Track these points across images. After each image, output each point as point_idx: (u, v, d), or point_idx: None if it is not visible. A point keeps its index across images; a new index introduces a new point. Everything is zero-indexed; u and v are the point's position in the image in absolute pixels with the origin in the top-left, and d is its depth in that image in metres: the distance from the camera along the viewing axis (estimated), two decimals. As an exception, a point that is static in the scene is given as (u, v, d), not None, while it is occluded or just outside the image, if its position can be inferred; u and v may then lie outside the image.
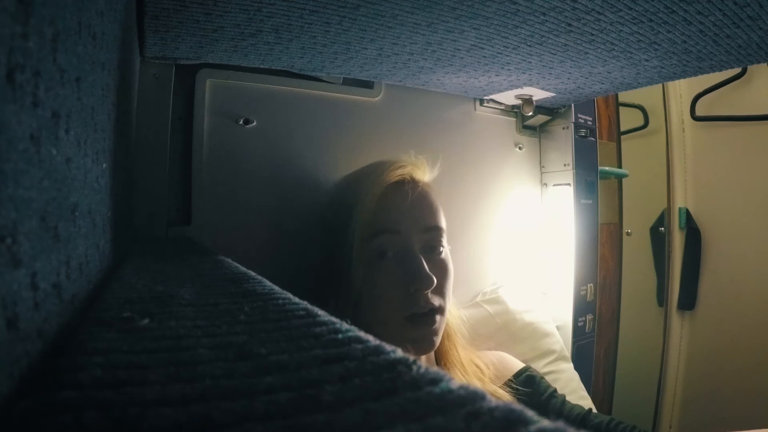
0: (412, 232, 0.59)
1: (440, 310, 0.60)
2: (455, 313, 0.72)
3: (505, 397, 0.66)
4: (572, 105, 0.99)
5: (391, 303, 0.57)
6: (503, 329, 0.86)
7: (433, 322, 0.59)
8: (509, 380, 0.70)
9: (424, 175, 0.65)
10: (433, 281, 0.56)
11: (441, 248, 0.62)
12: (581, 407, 0.68)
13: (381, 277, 0.58)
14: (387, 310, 0.57)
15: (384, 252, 0.58)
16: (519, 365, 0.74)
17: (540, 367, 0.84)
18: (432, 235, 0.61)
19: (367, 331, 0.55)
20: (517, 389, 0.68)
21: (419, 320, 0.58)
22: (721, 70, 0.69)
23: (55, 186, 0.16)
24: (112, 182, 0.34)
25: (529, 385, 0.69)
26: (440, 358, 0.68)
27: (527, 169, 1.04)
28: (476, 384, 0.64)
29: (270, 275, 0.29)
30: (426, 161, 0.66)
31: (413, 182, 0.62)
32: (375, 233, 0.58)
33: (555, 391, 0.70)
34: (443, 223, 0.63)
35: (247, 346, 0.15)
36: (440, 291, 0.60)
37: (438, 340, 0.60)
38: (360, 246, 0.58)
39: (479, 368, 0.69)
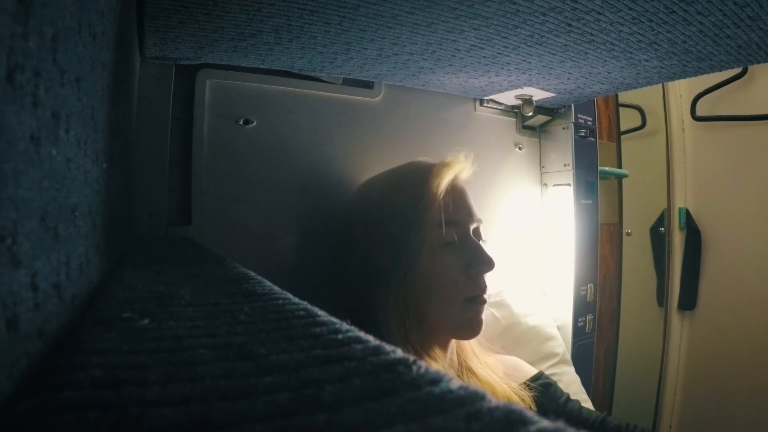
0: (469, 223, 0.65)
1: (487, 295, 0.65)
2: None
3: (522, 392, 0.67)
4: (572, 105, 0.99)
5: (455, 286, 0.61)
6: (508, 332, 0.87)
7: (484, 303, 0.64)
8: (526, 382, 0.71)
9: (468, 173, 0.70)
10: (494, 263, 0.63)
11: (484, 239, 0.68)
12: (597, 412, 0.70)
13: (447, 262, 0.62)
14: (451, 293, 0.61)
15: (449, 241, 0.62)
16: (532, 371, 0.75)
17: (543, 369, 0.84)
18: (479, 225, 0.67)
19: (423, 316, 0.54)
20: (535, 392, 0.69)
21: (477, 301, 0.62)
22: (721, 70, 0.69)
23: (55, 186, 0.16)
24: (112, 182, 0.34)
25: (545, 391, 0.71)
26: (461, 352, 0.69)
27: (527, 170, 1.04)
28: (491, 375, 0.66)
29: (270, 275, 0.29)
30: (469, 161, 0.70)
31: (464, 181, 0.68)
32: (440, 225, 0.62)
33: (569, 396, 0.72)
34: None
35: (247, 346, 0.15)
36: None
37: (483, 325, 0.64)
38: (427, 237, 0.62)
39: (489, 365, 0.70)
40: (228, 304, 0.20)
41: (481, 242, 0.66)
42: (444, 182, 0.64)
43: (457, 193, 0.65)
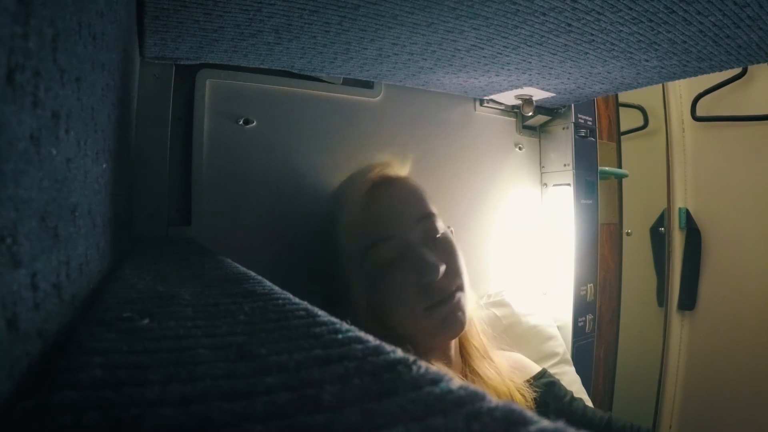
0: (406, 230, 0.59)
1: (460, 288, 0.61)
2: (473, 298, 0.71)
3: (526, 391, 0.66)
4: (572, 105, 0.99)
5: (411, 301, 0.58)
6: (508, 332, 0.87)
7: (453, 299, 0.59)
8: (529, 380, 0.70)
9: (398, 170, 0.65)
10: (438, 268, 0.57)
11: (439, 233, 0.62)
12: (602, 412, 0.69)
13: (395, 281, 0.58)
14: (409, 307, 0.58)
15: (389, 258, 0.59)
16: (536, 368, 0.74)
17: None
18: (425, 223, 0.61)
19: (398, 331, 0.52)
20: (538, 390, 0.68)
21: (437, 309, 0.58)
22: (721, 70, 0.69)
23: (55, 186, 0.16)
24: (112, 182, 0.34)
25: (549, 389, 0.70)
26: (466, 346, 0.68)
27: (527, 170, 1.04)
28: (501, 373, 0.65)
29: (270, 275, 0.29)
30: (395, 158, 0.66)
31: (388, 182, 0.62)
32: (370, 247, 0.59)
33: (573, 394, 0.71)
34: (432, 207, 0.63)
35: (247, 346, 0.15)
36: (453, 271, 0.60)
37: (465, 316, 0.60)
38: (358, 265, 0.59)
39: (495, 362, 0.69)
40: (228, 304, 0.20)
41: (439, 235, 0.61)
42: (360, 201, 0.59)
43: (383, 203, 0.60)
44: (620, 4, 0.49)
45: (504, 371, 0.67)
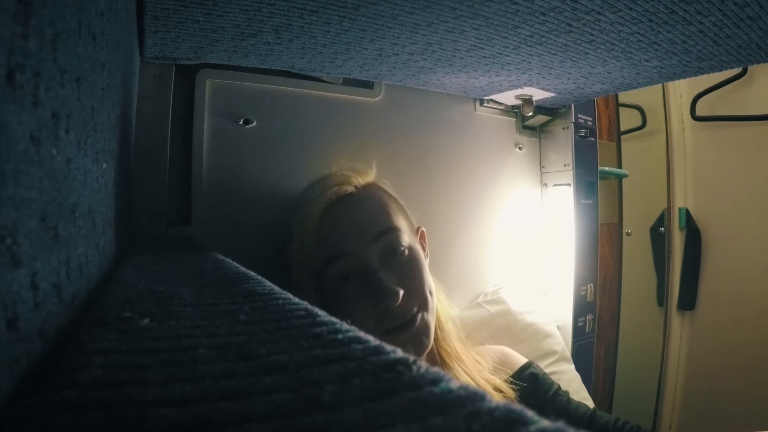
0: (363, 247, 0.56)
1: (423, 307, 0.58)
2: (445, 304, 0.70)
3: (505, 388, 0.65)
4: (572, 105, 0.99)
5: (369, 321, 0.55)
6: (505, 330, 0.86)
7: (415, 323, 0.57)
8: (511, 376, 0.68)
9: (362, 178, 0.63)
10: (397, 295, 0.54)
11: (402, 248, 0.59)
12: (586, 406, 0.67)
13: (348, 302, 0.56)
14: (367, 327, 0.56)
15: (345, 276, 0.56)
16: (521, 360, 0.73)
17: (541, 367, 0.83)
18: (386, 238, 0.58)
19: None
20: (520, 386, 0.67)
21: (402, 329, 0.56)
22: (721, 70, 0.69)
23: (55, 186, 0.16)
24: (112, 182, 0.34)
25: (532, 382, 0.68)
26: (438, 351, 0.67)
27: (527, 170, 1.04)
28: (474, 375, 0.63)
29: (270, 276, 0.29)
30: (361, 163, 0.64)
31: (348, 194, 0.59)
32: (326, 263, 0.56)
33: (559, 388, 0.69)
34: (397, 220, 0.60)
35: (247, 346, 0.15)
36: (415, 291, 0.58)
37: (429, 338, 0.59)
38: (310, 281, 0.57)
39: (478, 362, 0.68)
40: (228, 304, 0.20)
41: (401, 252, 0.58)
42: (317, 215, 0.57)
43: (340, 217, 0.57)
44: (620, 4, 0.49)
45: (482, 371, 0.66)
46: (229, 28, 0.55)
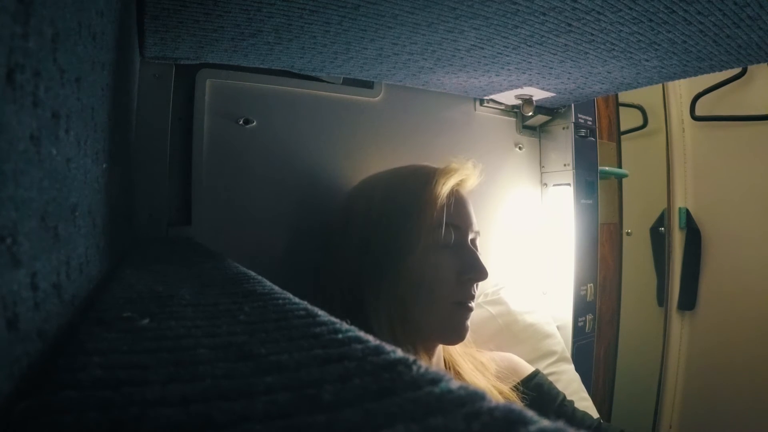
0: (469, 230, 0.65)
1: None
2: None
3: (510, 395, 0.66)
4: (572, 105, 0.99)
5: (445, 288, 0.61)
6: (505, 330, 0.86)
7: (471, 311, 0.63)
8: (518, 384, 0.69)
9: (475, 181, 0.69)
10: (487, 274, 0.62)
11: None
12: (591, 417, 0.69)
13: (441, 263, 0.61)
14: (439, 293, 0.61)
15: (446, 243, 0.62)
16: (528, 369, 0.74)
17: (541, 368, 0.83)
18: (476, 236, 0.67)
19: (410, 314, 0.54)
20: (526, 395, 0.68)
21: (464, 307, 0.62)
22: (721, 70, 0.69)
23: (55, 186, 0.16)
24: (112, 182, 0.34)
25: (538, 392, 0.69)
26: (445, 352, 0.68)
27: (527, 169, 1.04)
28: (479, 378, 0.65)
29: (270, 275, 0.29)
30: (477, 170, 0.70)
31: (464, 187, 0.67)
32: (440, 225, 0.62)
33: (564, 398, 0.71)
34: None
35: (247, 346, 0.15)
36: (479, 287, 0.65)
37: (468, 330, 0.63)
38: (424, 234, 0.61)
39: (483, 364, 0.69)
40: (228, 304, 0.20)
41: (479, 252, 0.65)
42: (449, 184, 0.63)
43: (459, 198, 0.65)
44: (620, 4, 0.49)
45: (488, 376, 0.68)
46: (229, 28, 0.55)
